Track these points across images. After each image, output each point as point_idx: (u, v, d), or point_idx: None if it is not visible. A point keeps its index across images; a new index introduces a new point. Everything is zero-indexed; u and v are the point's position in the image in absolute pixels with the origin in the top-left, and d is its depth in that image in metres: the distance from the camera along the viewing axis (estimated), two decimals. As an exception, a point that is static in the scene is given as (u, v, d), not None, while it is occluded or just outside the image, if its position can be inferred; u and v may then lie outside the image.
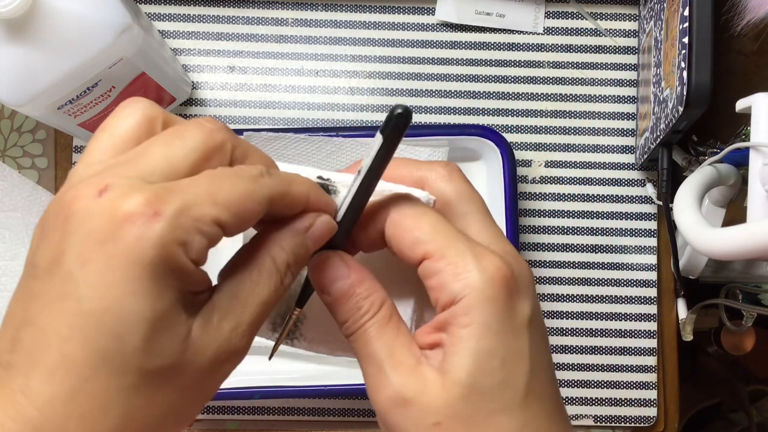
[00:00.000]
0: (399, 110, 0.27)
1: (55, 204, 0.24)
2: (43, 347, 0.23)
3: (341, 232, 0.30)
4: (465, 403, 0.27)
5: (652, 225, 0.66)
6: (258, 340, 0.34)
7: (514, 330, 0.28)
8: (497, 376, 0.27)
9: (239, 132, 0.62)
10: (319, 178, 0.31)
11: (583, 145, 0.66)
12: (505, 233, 0.60)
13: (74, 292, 0.23)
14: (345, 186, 0.30)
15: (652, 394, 0.65)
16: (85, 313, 0.23)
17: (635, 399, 0.65)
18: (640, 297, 0.66)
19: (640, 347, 0.65)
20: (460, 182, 0.32)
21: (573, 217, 0.66)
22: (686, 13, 0.50)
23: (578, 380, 0.65)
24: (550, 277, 0.66)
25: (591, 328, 0.66)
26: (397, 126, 0.27)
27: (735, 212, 0.59)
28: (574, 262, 0.66)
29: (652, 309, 0.66)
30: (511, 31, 0.67)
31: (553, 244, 0.66)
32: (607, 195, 0.66)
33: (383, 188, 0.30)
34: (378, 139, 0.27)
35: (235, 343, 0.26)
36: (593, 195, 0.66)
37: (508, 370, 0.27)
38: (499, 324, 0.27)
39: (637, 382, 0.65)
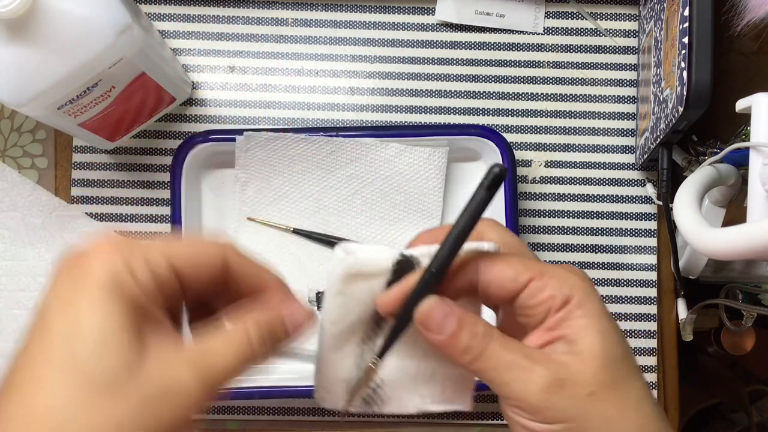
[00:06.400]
0: (497, 168, 0.33)
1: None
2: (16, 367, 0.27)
3: (437, 279, 0.33)
4: (606, 372, 0.32)
5: (652, 225, 0.66)
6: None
7: (609, 314, 0.34)
8: (619, 348, 0.33)
9: (239, 132, 0.62)
10: (402, 255, 0.34)
11: (583, 145, 0.66)
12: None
13: (43, 314, 0.28)
14: (426, 256, 0.34)
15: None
16: (47, 329, 0.27)
17: (635, 399, 0.65)
18: (640, 297, 0.66)
19: (640, 347, 0.65)
20: (503, 229, 0.37)
21: (573, 217, 0.66)
22: (686, 13, 0.50)
23: (578, 380, 0.65)
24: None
25: (591, 328, 0.66)
26: (497, 181, 0.33)
27: (735, 212, 0.59)
28: (574, 262, 0.66)
29: (652, 309, 0.66)
30: (511, 31, 0.67)
31: (553, 244, 0.66)
32: (607, 195, 0.66)
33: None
34: (480, 193, 0.33)
35: (187, 385, 0.28)
36: (593, 195, 0.66)
37: (624, 344, 0.33)
38: (604, 310, 0.34)
39: (637, 382, 0.65)
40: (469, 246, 0.34)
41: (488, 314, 0.37)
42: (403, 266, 0.35)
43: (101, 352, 0.27)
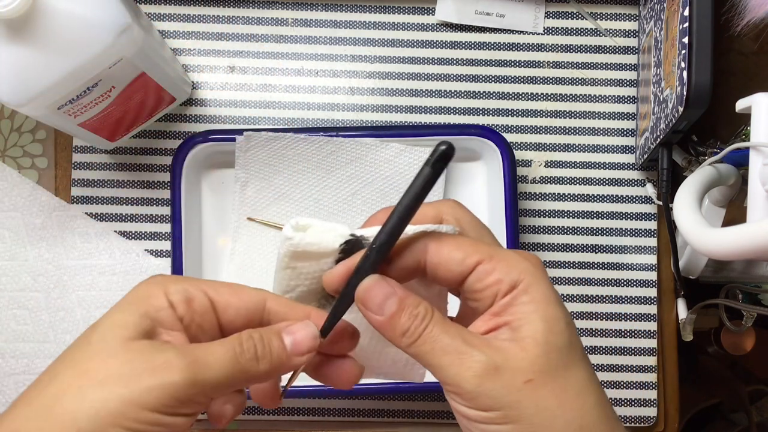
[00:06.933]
0: (444, 146, 0.31)
1: None
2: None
3: (379, 257, 0.33)
4: (546, 360, 0.31)
5: (652, 225, 0.66)
6: None
7: (558, 300, 0.33)
8: (565, 336, 0.32)
9: (239, 132, 0.62)
10: (352, 235, 0.34)
11: (583, 145, 0.66)
12: (505, 233, 0.60)
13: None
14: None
15: (652, 394, 0.65)
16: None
17: (635, 399, 0.65)
18: (640, 297, 0.66)
19: (640, 347, 0.65)
20: (463, 211, 0.36)
21: (573, 217, 0.66)
22: (686, 13, 0.50)
23: (578, 380, 0.65)
24: (550, 277, 0.66)
25: (591, 328, 0.66)
26: (443, 158, 0.31)
27: (735, 212, 0.59)
28: (574, 262, 0.66)
29: (652, 309, 0.66)
30: (511, 31, 0.67)
31: (553, 244, 0.66)
32: (607, 195, 0.66)
33: (411, 230, 0.33)
34: (426, 170, 0.31)
35: (172, 364, 0.30)
36: (593, 195, 0.66)
37: (570, 332, 0.33)
38: (553, 296, 0.33)
39: (637, 382, 0.65)
40: (425, 228, 0.34)
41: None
42: (353, 246, 0.34)
43: (109, 333, 0.32)
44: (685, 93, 0.50)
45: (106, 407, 0.29)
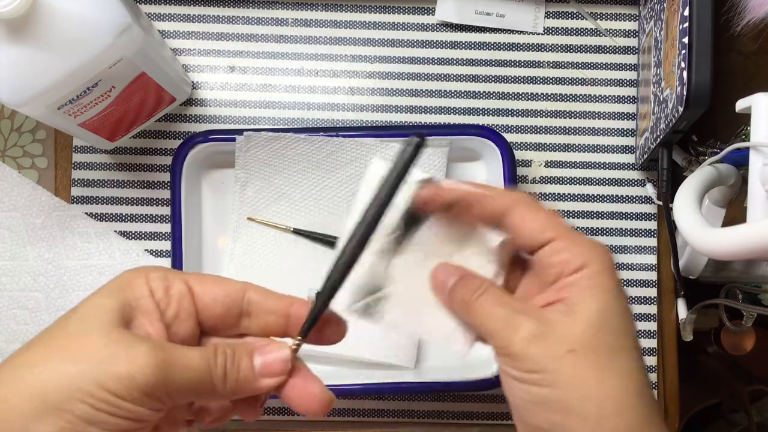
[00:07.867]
0: (416, 138, 0.35)
1: None
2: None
3: (361, 241, 0.36)
4: (594, 337, 0.32)
5: (652, 225, 0.66)
6: None
7: (621, 295, 0.34)
8: (617, 321, 0.33)
9: (239, 132, 0.62)
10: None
11: (583, 145, 0.66)
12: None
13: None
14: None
15: (652, 394, 0.65)
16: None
17: (635, 399, 0.65)
18: (640, 297, 0.66)
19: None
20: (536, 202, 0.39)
21: (573, 217, 0.66)
22: (686, 13, 0.50)
23: (578, 380, 0.65)
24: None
25: (591, 328, 0.66)
26: (416, 147, 0.35)
27: (735, 212, 0.59)
28: (574, 262, 0.66)
29: (652, 309, 0.66)
30: (511, 31, 0.67)
31: (553, 244, 0.66)
32: (607, 195, 0.66)
33: (417, 176, 0.38)
34: (407, 149, 0.36)
35: (142, 356, 0.31)
36: (593, 195, 0.66)
37: (625, 322, 0.34)
38: (615, 287, 0.34)
39: (637, 382, 0.65)
40: (422, 176, 0.38)
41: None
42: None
43: (90, 316, 0.32)
44: (685, 93, 0.50)
45: (76, 383, 0.30)
